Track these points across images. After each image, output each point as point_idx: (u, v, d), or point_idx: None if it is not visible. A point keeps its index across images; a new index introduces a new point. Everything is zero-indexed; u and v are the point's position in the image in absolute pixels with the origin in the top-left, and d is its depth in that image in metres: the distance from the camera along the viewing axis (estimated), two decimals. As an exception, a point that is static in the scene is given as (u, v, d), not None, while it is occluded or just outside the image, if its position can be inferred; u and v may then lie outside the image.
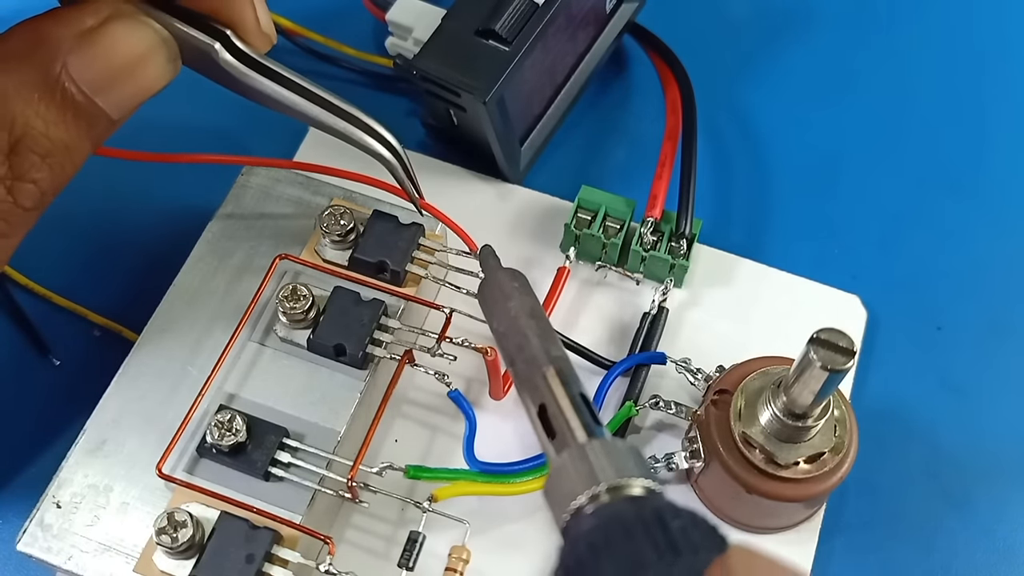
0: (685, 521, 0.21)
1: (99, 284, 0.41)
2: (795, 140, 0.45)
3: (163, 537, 0.31)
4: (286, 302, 0.34)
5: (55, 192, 0.27)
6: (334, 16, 0.46)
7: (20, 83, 0.26)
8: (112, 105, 0.27)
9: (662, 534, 0.21)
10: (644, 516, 0.21)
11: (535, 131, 0.43)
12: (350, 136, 0.31)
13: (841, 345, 0.29)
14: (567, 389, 0.25)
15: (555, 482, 0.23)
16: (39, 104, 0.26)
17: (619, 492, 0.22)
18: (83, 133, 0.27)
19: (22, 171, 0.26)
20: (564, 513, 0.23)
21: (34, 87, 0.26)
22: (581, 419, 0.24)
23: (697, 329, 0.40)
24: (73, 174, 0.27)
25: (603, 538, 0.21)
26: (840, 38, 0.48)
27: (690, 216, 0.39)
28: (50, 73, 0.26)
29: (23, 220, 0.27)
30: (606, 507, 0.22)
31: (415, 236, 0.36)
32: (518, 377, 0.26)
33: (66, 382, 0.39)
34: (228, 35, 0.29)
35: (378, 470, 0.34)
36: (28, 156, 0.26)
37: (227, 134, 0.45)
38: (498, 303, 0.28)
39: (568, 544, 0.22)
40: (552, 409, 0.25)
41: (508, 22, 0.38)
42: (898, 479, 0.37)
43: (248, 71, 0.29)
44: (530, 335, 0.26)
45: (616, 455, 0.23)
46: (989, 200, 0.43)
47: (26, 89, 0.26)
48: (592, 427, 0.24)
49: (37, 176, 0.26)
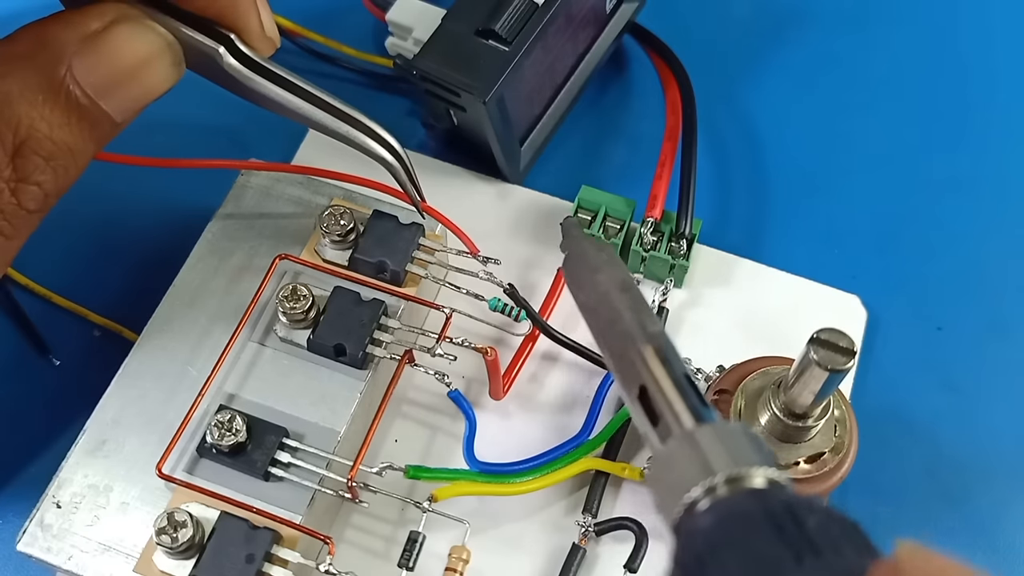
0: (821, 517, 0.19)
1: (99, 284, 0.41)
2: (795, 140, 0.45)
3: (163, 537, 0.31)
4: (286, 302, 0.34)
5: (59, 194, 0.27)
6: (334, 16, 0.46)
7: (24, 85, 0.26)
8: (116, 108, 0.27)
9: (796, 531, 0.18)
10: (772, 511, 0.19)
11: (535, 131, 0.43)
12: (352, 139, 0.31)
13: (841, 345, 0.29)
14: (669, 369, 0.23)
15: (662, 473, 0.21)
16: (43, 107, 0.26)
17: (738, 484, 0.20)
18: (87, 136, 0.27)
19: (26, 173, 0.26)
20: (676, 508, 0.20)
21: (39, 89, 0.26)
22: (687, 402, 0.22)
23: (697, 329, 0.40)
24: (77, 176, 0.27)
25: (724, 536, 0.19)
26: (840, 38, 0.48)
27: (690, 216, 0.39)
28: (55, 76, 0.26)
29: (26, 222, 0.27)
30: (725, 501, 0.20)
31: (415, 236, 0.36)
32: (612, 356, 0.24)
33: (66, 382, 0.39)
34: (232, 39, 0.29)
35: (378, 470, 0.34)
36: (32, 158, 0.26)
37: (228, 133, 0.45)
38: (584, 277, 0.26)
39: (682, 542, 0.20)
40: (653, 392, 0.22)
41: (508, 22, 0.38)
42: (898, 479, 0.37)
43: (252, 75, 0.29)
44: (622, 309, 0.24)
45: (732, 441, 0.21)
46: (989, 200, 0.43)
47: (30, 91, 0.26)
48: (700, 411, 0.22)
49: (41, 178, 0.26)
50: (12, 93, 0.25)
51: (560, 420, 0.38)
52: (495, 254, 0.36)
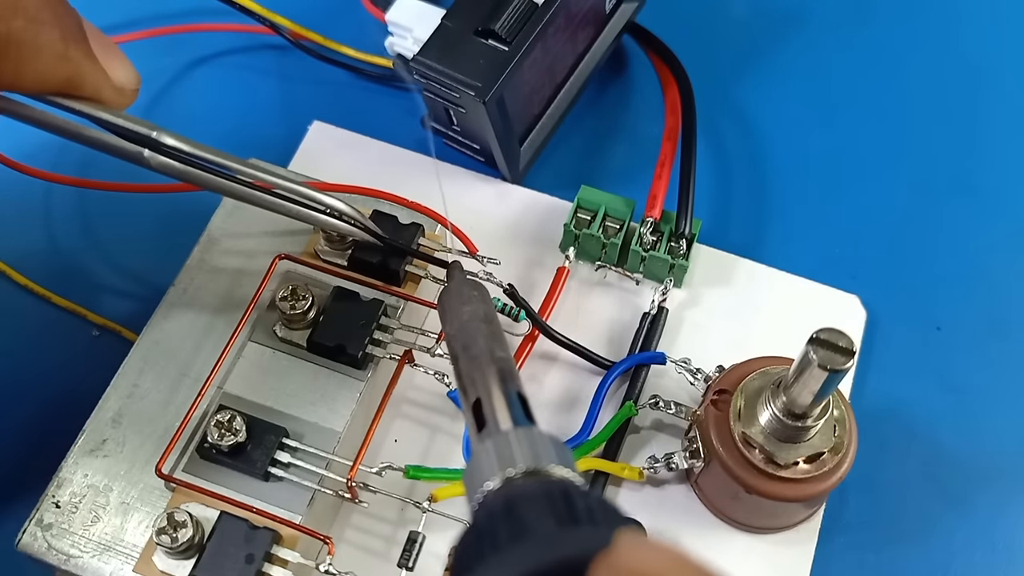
0: (593, 502, 0.20)
1: (99, 284, 0.41)
2: (795, 140, 0.45)
3: (163, 537, 0.31)
4: (286, 302, 0.34)
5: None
6: (334, 16, 0.46)
7: None
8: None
9: (565, 506, 0.20)
10: (551, 492, 0.21)
11: (535, 131, 0.43)
12: (294, 215, 0.32)
13: (841, 345, 0.29)
14: (503, 386, 0.25)
15: (472, 469, 0.23)
16: None
17: (534, 477, 0.22)
18: None
19: None
20: (476, 496, 0.22)
21: None
22: (510, 412, 0.24)
23: (697, 329, 0.40)
24: None
25: (503, 510, 0.20)
26: (840, 38, 0.48)
27: (690, 216, 0.39)
28: None
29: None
30: (516, 486, 0.22)
31: (415, 236, 0.36)
32: (460, 374, 0.26)
33: (66, 382, 0.39)
34: (154, 137, 0.29)
35: (378, 470, 0.34)
36: None
37: (229, 133, 0.45)
38: (454, 308, 0.29)
39: (471, 521, 0.21)
40: (484, 400, 0.25)
41: (508, 22, 0.38)
42: (897, 479, 0.37)
43: (183, 168, 0.30)
44: (478, 336, 0.27)
45: (537, 442, 0.23)
46: (989, 200, 0.43)
47: None
48: (520, 420, 0.24)
49: None
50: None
51: (560, 420, 0.38)
52: (495, 254, 0.36)
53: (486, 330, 0.27)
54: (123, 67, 0.29)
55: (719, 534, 0.36)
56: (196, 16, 0.47)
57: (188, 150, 0.30)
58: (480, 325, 0.27)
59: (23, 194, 0.43)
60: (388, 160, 0.43)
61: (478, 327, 0.27)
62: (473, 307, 0.28)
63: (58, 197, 0.43)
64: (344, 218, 0.33)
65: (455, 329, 0.28)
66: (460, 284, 0.30)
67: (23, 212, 0.43)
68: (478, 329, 0.27)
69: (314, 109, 0.45)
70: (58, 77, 0.28)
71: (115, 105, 0.29)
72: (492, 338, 0.27)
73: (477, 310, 0.28)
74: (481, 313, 0.28)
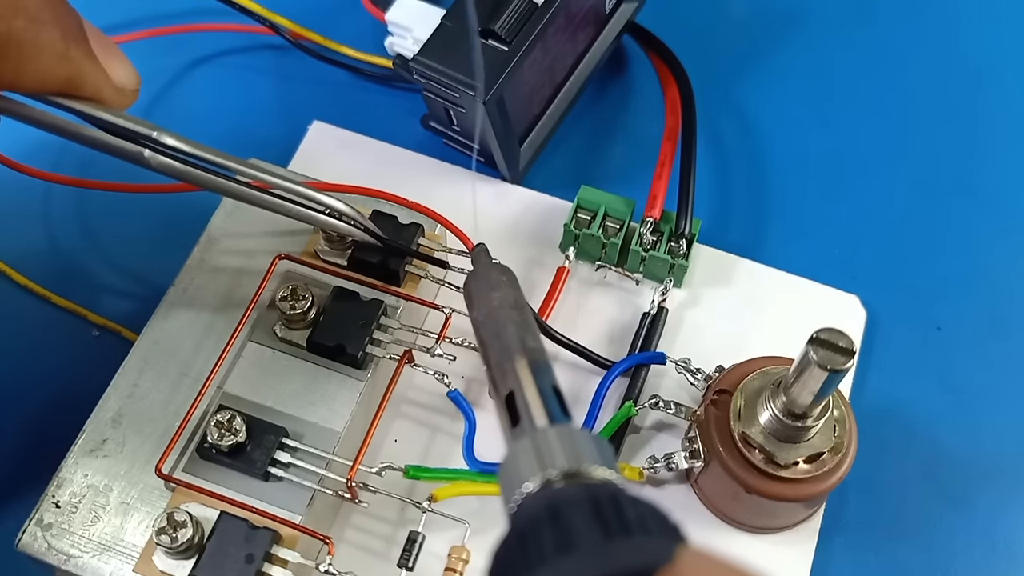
0: (644, 510, 0.19)
1: (99, 284, 0.41)
2: (795, 140, 0.45)
3: (163, 537, 0.31)
4: (286, 302, 0.34)
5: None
6: (334, 16, 0.46)
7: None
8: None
9: (614, 514, 0.19)
10: (597, 496, 0.19)
11: (535, 131, 0.43)
12: (293, 215, 0.32)
13: (840, 345, 0.29)
14: (536, 378, 0.24)
15: (508, 469, 0.22)
16: None
17: (575, 479, 0.21)
18: None
19: None
20: (513, 498, 0.21)
21: None
22: (546, 407, 0.23)
23: (697, 329, 0.40)
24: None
25: (547, 514, 0.19)
26: (840, 38, 0.48)
27: (689, 216, 0.39)
28: None
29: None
30: (557, 490, 0.20)
31: (415, 236, 0.36)
32: (490, 363, 0.25)
33: (66, 382, 0.39)
34: (154, 137, 0.29)
35: (377, 470, 0.34)
36: None
37: (228, 133, 0.45)
38: (482, 294, 0.27)
39: (511, 525, 0.20)
40: (517, 395, 0.24)
41: (507, 22, 0.38)
42: (897, 479, 0.37)
43: (182, 168, 0.30)
44: (508, 324, 0.25)
45: (575, 441, 0.21)
46: (989, 200, 0.43)
47: None
48: (557, 416, 0.23)
49: None
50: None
51: (560, 420, 0.38)
52: (495, 254, 0.36)
53: (517, 317, 0.26)
54: (123, 67, 0.29)
55: (719, 534, 0.36)
56: (196, 16, 0.47)
57: (188, 150, 0.30)
58: (511, 312, 0.26)
59: (23, 194, 0.43)
60: (388, 160, 0.43)
61: (508, 314, 0.26)
62: (503, 293, 0.27)
63: (58, 197, 0.43)
64: (344, 218, 0.33)
65: (483, 316, 0.26)
66: (487, 268, 0.28)
67: (23, 212, 0.43)
68: (508, 316, 0.26)
69: (314, 109, 0.45)
70: (58, 77, 0.28)
71: (115, 105, 0.29)
72: (523, 327, 0.26)
73: (507, 296, 0.27)
74: (511, 299, 0.27)
